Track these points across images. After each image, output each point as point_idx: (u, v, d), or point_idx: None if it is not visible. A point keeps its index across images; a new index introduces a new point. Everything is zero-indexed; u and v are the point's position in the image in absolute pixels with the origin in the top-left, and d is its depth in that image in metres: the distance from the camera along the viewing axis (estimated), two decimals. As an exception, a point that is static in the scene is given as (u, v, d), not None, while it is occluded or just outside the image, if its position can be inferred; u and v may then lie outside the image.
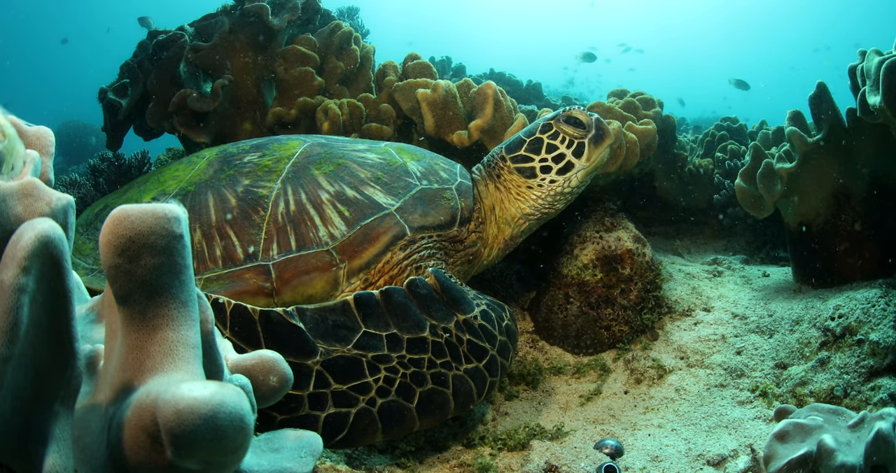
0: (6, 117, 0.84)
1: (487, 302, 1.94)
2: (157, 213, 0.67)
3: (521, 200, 2.30)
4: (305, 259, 1.94)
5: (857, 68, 2.54)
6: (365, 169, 2.16)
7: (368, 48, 3.67)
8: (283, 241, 1.97)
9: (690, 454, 2.05)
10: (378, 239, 2.00)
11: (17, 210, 0.70)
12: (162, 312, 0.67)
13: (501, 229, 2.33)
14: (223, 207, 2.04)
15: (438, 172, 2.25)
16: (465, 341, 1.79)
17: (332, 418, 1.58)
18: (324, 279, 1.94)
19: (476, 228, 2.25)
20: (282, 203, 2.03)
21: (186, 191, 2.13)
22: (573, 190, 2.30)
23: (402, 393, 1.67)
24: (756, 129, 4.58)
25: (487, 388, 1.79)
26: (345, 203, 2.04)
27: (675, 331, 2.83)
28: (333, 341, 1.65)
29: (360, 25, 5.93)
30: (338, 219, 2.01)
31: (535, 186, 2.27)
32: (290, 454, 0.89)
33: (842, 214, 2.87)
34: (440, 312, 1.80)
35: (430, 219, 2.08)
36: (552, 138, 2.24)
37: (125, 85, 3.67)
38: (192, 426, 0.54)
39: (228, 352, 0.94)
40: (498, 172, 2.33)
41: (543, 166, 2.25)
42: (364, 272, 1.98)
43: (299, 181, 2.08)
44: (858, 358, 2.21)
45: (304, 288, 1.93)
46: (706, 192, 4.28)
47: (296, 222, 1.99)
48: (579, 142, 2.23)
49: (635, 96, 3.50)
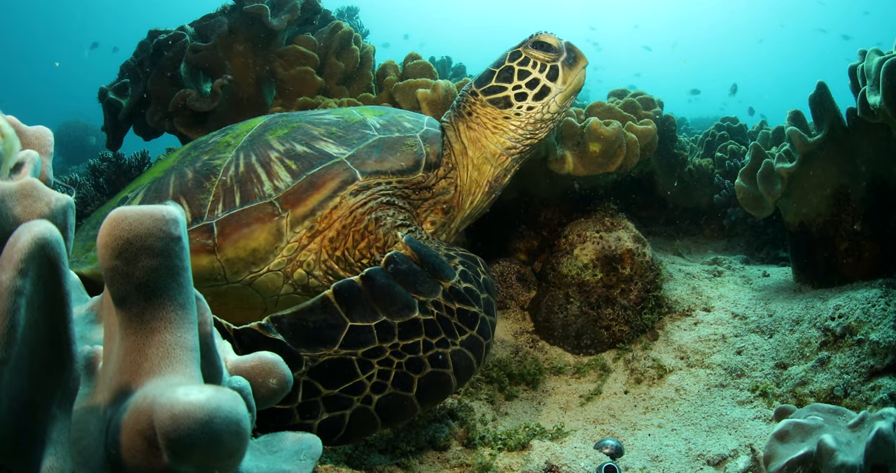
0: (4, 117, 0.84)
1: (461, 258, 1.84)
2: (154, 215, 0.66)
3: (499, 133, 2.16)
4: (247, 212, 1.87)
5: (857, 68, 2.54)
6: (319, 127, 2.08)
7: (368, 48, 3.66)
8: (228, 200, 1.91)
9: (690, 454, 2.05)
10: (324, 185, 1.90)
11: (16, 210, 0.70)
12: (160, 315, 0.66)
13: (482, 171, 2.19)
14: (180, 182, 2.01)
15: (401, 123, 2.17)
16: (455, 311, 1.70)
17: (325, 423, 1.53)
18: (265, 230, 1.86)
19: (447, 174, 2.13)
20: (232, 167, 1.98)
21: (155, 178, 2.12)
22: (553, 115, 2.15)
23: (400, 384, 1.59)
24: (756, 129, 4.58)
25: (484, 353, 1.72)
26: (293, 157, 1.97)
27: (676, 331, 2.82)
28: (318, 345, 1.56)
29: (360, 25, 5.93)
30: (284, 172, 1.94)
31: (513, 115, 2.12)
32: (288, 456, 0.89)
33: (842, 214, 2.87)
34: (426, 285, 1.70)
35: (388, 165, 1.97)
36: (523, 65, 2.11)
37: (125, 85, 3.67)
38: (188, 430, 0.53)
39: (228, 354, 0.94)
40: (469, 110, 2.18)
41: (518, 93, 2.11)
42: (309, 219, 1.89)
43: (252, 147, 2.03)
44: (858, 358, 2.21)
45: (245, 242, 1.86)
46: (706, 192, 4.28)
47: (242, 181, 1.94)
48: (552, 66, 2.10)
49: (635, 96, 3.49)
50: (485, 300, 1.77)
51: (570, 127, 2.88)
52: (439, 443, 2.01)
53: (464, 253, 1.88)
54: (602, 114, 3.16)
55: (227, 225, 1.87)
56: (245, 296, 1.96)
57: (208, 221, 1.88)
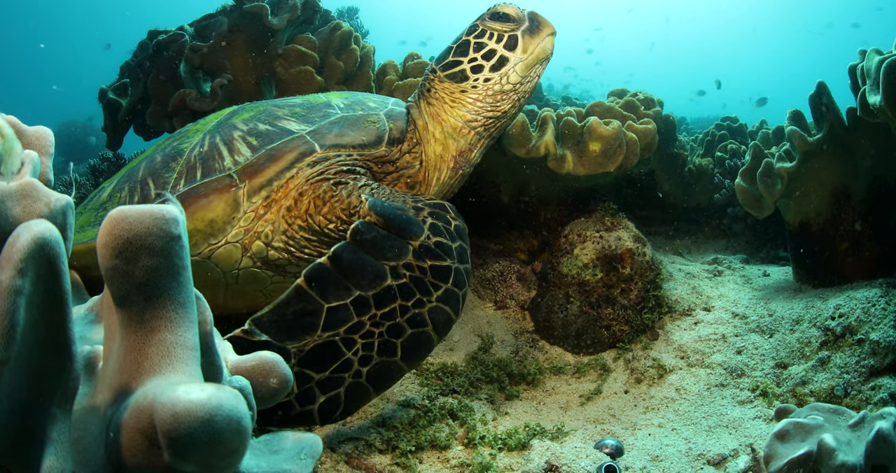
0: (4, 117, 0.84)
1: (429, 209, 1.84)
2: (154, 214, 0.66)
3: (458, 107, 2.15)
4: (206, 184, 1.93)
5: (857, 67, 2.54)
6: (284, 108, 2.14)
7: (368, 48, 3.66)
8: (190, 176, 1.97)
9: (691, 453, 2.05)
10: (282, 157, 1.95)
11: (16, 211, 0.70)
12: (160, 314, 0.66)
13: (446, 146, 2.19)
14: (150, 166, 2.08)
15: (366, 103, 2.21)
16: (427, 269, 1.72)
17: (324, 406, 1.60)
18: (223, 200, 1.91)
19: (411, 149, 2.16)
20: (197, 148, 2.05)
21: (131, 167, 2.21)
22: (515, 86, 2.11)
23: (385, 352, 1.65)
24: (756, 129, 4.58)
25: (461, 302, 1.76)
26: (255, 135, 2.02)
27: (676, 331, 2.82)
28: (301, 334, 1.62)
29: (360, 25, 5.93)
30: (245, 148, 1.99)
31: (469, 88, 2.12)
32: (289, 455, 0.89)
33: (842, 213, 2.87)
34: (394, 249, 1.72)
35: (348, 139, 2.02)
36: (479, 37, 2.11)
37: (125, 85, 3.67)
38: (189, 429, 0.53)
39: (228, 354, 0.94)
40: (429, 86, 2.19)
41: (474, 66, 2.10)
42: (266, 189, 1.93)
43: (218, 130, 2.09)
44: (859, 358, 2.21)
45: (203, 213, 1.91)
46: (706, 192, 4.27)
47: (205, 158, 2.00)
48: (510, 35, 2.08)
49: (635, 95, 3.49)
50: (457, 249, 1.80)
51: (570, 126, 2.88)
52: (439, 443, 2.00)
53: (432, 202, 1.88)
54: (602, 114, 3.16)
55: (188, 197, 1.92)
56: (205, 271, 2.00)
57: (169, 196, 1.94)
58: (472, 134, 2.20)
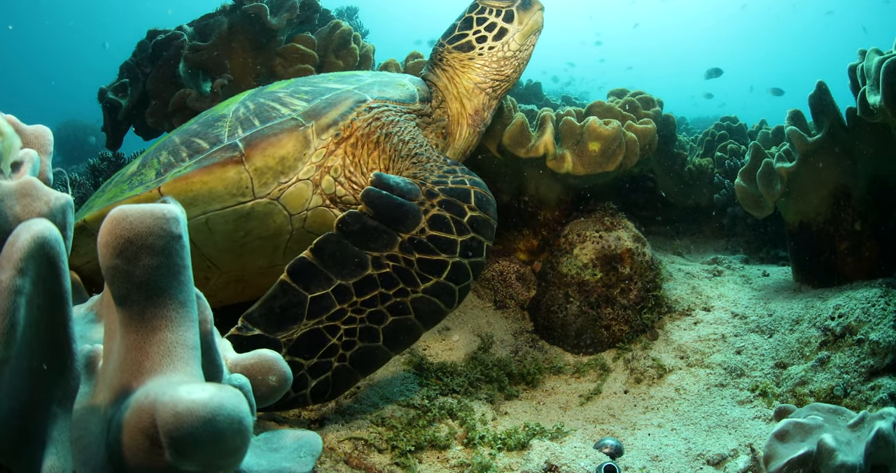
0: (3, 116, 0.84)
1: (444, 196, 1.86)
2: (155, 213, 0.66)
3: (468, 72, 2.45)
4: (272, 127, 2.04)
5: (857, 68, 2.54)
6: (316, 78, 2.37)
7: (368, 47, 3.66)
8: (247, 126, 2.07)
9: (690, 453, 2.05)
10: (341, 103, 2.12)
11: (16, 209, 0.70)
12: (161, 313, 0.66)
13: (463, 104, 2.48)
14: (188, 132, 2.16)
15: (387, 73, 2.52)
16: (414, 261, 1.77)
17: (315, 389, 1.70)
18: (293, 138, 2.02)
19: (439, 105, 2.46)
20: (241, 109, 2.15)
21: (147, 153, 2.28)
22: (515, 53, 2.43)
23: (367, 337, 1.73)
24: (756, 129, 4.58)
25: (456, 297, 1.80)
26: (302, 92, 2.19)
27: (675, 331, 2.82)
28: (289, 324, 1.69)
29: (360, 25, 5.93)
30: (298, 101, 2.14)
31: (476, 56, 2.43)
32: (289, 454, 0.89)
33: (842, 213, 2.87)
34: (380, 240, 1.77)
35: (389, 94, 2.24)
36: (480, 13, 2.43)
37: (125, 85, 3.67)
38: (191, 428, 0.53)
39: (228, 352, 0.94)
40: (440, 58, 2.49)
41: (478, 37, 2.42)
42: (333, 128, 2.07)
43: (255, 97, 2.22)
44: (858, 358, 2.21)
45: (273, 150, 2.00)
46: (706, 192, 4.27)
47: (258, 112, 2.11)
48: (507, 10, 2.40)
49: (635, 95, 3.49)
50: (464, 243, 1.82)
51: (569, 126, 2.88)
52: (439, 443, 2.00)
53: (454, 188, 1.90)
54: (602, 114, 3.16)
55: (254, 138, 2.00)
56: (270, 216, 2.07)
57: (230, 141, 2.03)
58: (483, 95, 2.49)
